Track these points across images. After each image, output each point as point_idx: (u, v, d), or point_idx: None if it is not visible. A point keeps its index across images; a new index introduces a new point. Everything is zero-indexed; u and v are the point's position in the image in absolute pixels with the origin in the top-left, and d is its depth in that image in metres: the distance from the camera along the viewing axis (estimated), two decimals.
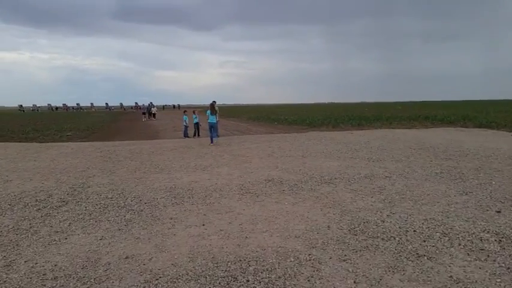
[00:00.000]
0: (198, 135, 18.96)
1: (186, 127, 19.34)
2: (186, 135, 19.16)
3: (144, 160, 11.58)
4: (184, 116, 19.52)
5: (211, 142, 16.43)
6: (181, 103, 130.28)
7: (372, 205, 6.09)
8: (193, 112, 20.01)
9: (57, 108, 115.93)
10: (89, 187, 7.86)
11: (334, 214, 5.70)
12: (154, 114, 37.92)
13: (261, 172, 9.03)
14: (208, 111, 16.64)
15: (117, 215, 5.95)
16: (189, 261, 4.15)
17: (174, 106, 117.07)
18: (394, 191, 6.97)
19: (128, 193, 7.22)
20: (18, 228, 5.41)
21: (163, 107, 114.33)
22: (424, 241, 4.57)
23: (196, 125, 19.07)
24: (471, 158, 10.47)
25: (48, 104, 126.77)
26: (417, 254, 4.21)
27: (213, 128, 16.51)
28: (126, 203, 6.55)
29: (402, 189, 7.09)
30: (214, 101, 16.61)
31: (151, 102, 41.94)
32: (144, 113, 36.95)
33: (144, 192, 7.30)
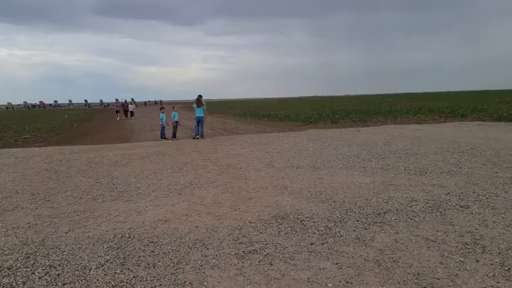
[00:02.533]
0: (175, 136, 15.86)
1: (163, 127, 16.26)
2: (163, 136, 16.09)
3: (101, 175, 8.56)
4: (161, 114, 16.45)
5: (197, 135, 15.37)
6: (165, 99, 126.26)
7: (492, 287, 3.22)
8: (173, 108, 16.86)
9: (34, 106, 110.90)
10: None
11: None
12: (132, 113, 33.97)
13: (265, 199, 6.11)
14: (195, 105, 15.38)
15: None
16: None
17: (155, 102, 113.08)
18: (500, 240, 4.12)
19: (43, 256, 4.19)
20: None
21: (145, 103, 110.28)
22: None
23: (176, 124, 16.02)
24: None
25: (24, 102, 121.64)
26: None
27: (200, 122, 15.40)
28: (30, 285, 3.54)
29: (509, 235, 4.25)
30: (200, 95, 15.42)
31: (132, 99, 38.55)
32: (117, 111, 32.66)
33: (73, 250, 4.29)
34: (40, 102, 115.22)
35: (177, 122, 15.99)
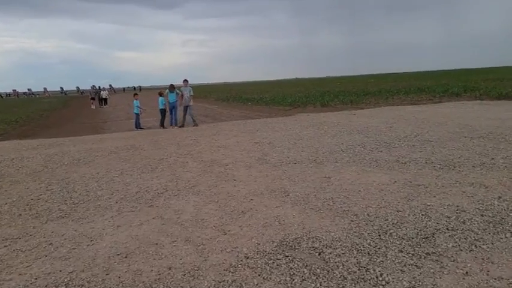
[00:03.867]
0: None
1: (138, 115, 14.55)
2: (138, 126, 14.41)
3: (55, 179, 6.95)
4: (135, 101, 14.71)
5: (171, 124, 14.27)
6: (145, 85, 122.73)
7: None
8: (160, 94, 15.05)
9: (8, 95, 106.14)
10: None
11: None
12: (105, 100, 31.73)
13: (262, 212, 4.63)
14: (167, 90, 14.30)
15: None
16: None
17: (134, 88, 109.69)
18: None
19: None
20: None
21: (124, 90, 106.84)
22: None
23: (162, 111, 14.42)
24: None
25: None
26: None
27: (174, 109, 14.24)
28: None
29: None
30: (186, 80, 14.36)
31: (110, 85, 36.11)
32: (92, 99, 30.30)
33: None
34: (13, 90, 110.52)
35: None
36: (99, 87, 33.83)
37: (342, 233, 3.81)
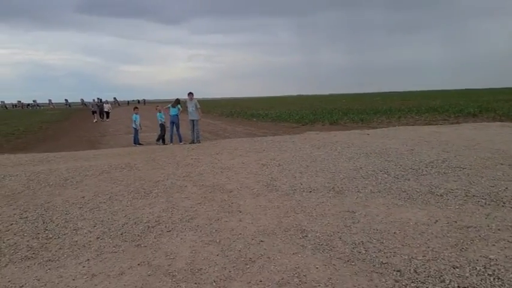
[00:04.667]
0: (162, 140, 13.52)
1: (137, 130, 13.67)
2: (136, 141, 13.51)
3: (33, 204, 6.01)
4: (134, 116, 13.84)
5: (170, 141, 13.50)
6: (150, 98, 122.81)
7: None
8: (156, 109, 14.36)
9: (14, 105, 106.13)
10: None
11: None
12: (107, 114, 30.72)
13: (275, 261, 3.65)
14: (169, 105, 13.67)
15: None
16: None
17: (139, 101, 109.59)
18: None
19: None
20: None
21: (128, 103, 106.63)
22: None
23: (162, 126, 13.60)
24: None
25: (2, 102, 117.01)
26: None
27: (174, 124, 13.36)
28: None
29: None
30: (191, 93, 13.29)
31: (114, 98, 35.43)
32: (94, 112, 29.40)
33: None
34: (18, 101, 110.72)
35: (162, 124, 13.57)
36: (100, 100, 32.89)
37: None
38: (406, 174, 7.01)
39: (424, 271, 3.30)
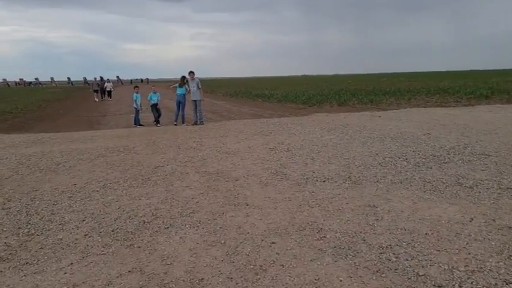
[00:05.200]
0: (158, 121, 12.88)
1: (138, 111, 13.04)
2: (137, 122, 12.92)
3: (19, 192, 5.49)
4: (135, 95, 13.16)
5: (175, 121, 12.84)
6: (152, 77, 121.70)
7: None
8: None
9: (17, 83, 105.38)
10: None
11: None
12: (109, 92, 29.87)
13: (293, 270, 3.09)
14: (176, 85, 12.99)
15: None
16: None
17: (142, 80, 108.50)
18: None
19: None
20: None
21: (131, 81, 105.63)
22: None
23: (155, 107, 12.90)
24: None
25: (4, 79, 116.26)
26: None
27: (181, 104, 12.75)
28: None
29: None
30: (191, 71, 12.56)
31: (117, 77, 34.41)
32: (96, 91, 28.35)
33: None
34: (20, 79, 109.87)
35: (155, 104, 12.87)
36: (101, 78, 31.93)
37: None
38: (427, 162, 6.40)
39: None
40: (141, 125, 12.83)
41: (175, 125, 12.62)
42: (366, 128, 10.25)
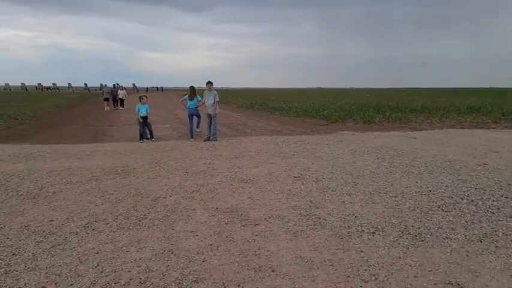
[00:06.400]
0: (152, 136, 11.64)
1: (142, 124, 11.75)
2: (143, 136, 11.66)
3: None
4: (140, 106, 11.78)
5: (191, 137, 11.53)
6: (169, 85, 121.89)
7: None
8: (140, 99, 12.09)
9: (37, 88, 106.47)
10: None
11: None
12: (122, 101, 27.47)
13: None
14: (186, 96, 12.06)
15: None
16: None
17: (157, 88, 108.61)
18: None
19: None
20: None
21: (147, 89, 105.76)
22: None
23: (144, 120, 11.59)
24: None
25: (22, 84, 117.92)
26: None
27: (194, 116, 11.95)
28: None
29: None
30: (210, 82, 11.43)
31: (133, 84, 32.87)
32: (106, 99, 25.92)
33: None
34: (38, 84, 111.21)
35: (145, 117, 11.55)
36: (115, 85, 30.54)
37: None
38: (502, 207, 4.96)
39: None
40: (147, 138, 11.59)
41: (192, 140, 11.34)
42: (404, 153, 8.82)
